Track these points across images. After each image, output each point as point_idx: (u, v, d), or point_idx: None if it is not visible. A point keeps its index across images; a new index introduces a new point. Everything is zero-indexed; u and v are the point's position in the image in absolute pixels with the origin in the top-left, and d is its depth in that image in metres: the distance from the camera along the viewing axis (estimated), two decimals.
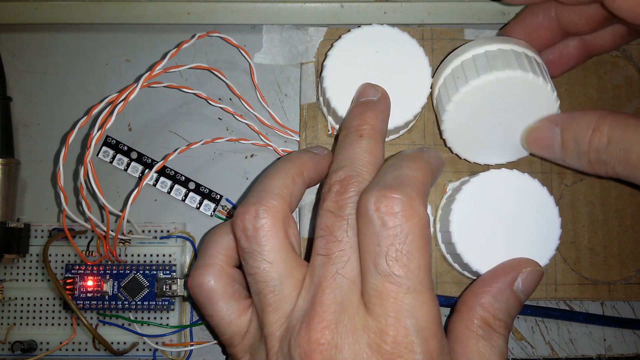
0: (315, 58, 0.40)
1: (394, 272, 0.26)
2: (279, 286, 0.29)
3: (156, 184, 0.40)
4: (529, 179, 0.34)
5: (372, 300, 0.27)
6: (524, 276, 0.32)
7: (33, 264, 0.40)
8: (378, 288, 0.26)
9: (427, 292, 0.27)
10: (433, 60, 0.40)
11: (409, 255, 0.26)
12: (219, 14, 0.41)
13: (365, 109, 0.33)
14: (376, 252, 0.27)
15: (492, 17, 0.40)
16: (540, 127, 0.34)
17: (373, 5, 0.40)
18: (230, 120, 0.41)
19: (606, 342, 0.40)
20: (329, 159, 0.33)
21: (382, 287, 0.26)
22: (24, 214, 0.41)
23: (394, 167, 0.30)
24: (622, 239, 0.39)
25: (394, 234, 0.26)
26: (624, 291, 0.38)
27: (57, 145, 0.41)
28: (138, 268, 0.39)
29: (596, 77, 0.40)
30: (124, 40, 0.42)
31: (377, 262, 0.27)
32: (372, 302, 0.27)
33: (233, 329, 0.31)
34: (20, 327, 0.39)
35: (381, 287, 0.26)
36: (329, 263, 0.28)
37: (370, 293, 0.27)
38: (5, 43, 0.42)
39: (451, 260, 0.37)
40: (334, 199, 0.29)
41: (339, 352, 0.26)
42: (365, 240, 0.27)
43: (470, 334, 0.30)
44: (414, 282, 0.26)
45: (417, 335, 0.26)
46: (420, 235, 0.27)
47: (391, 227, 0.26)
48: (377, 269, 0.27)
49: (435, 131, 0.39)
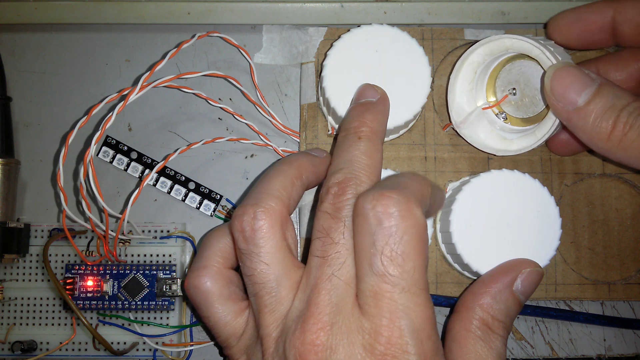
0: (315, 58, 0.40)
1: (389, 271, 0.26)
2: (275, 288, 0.29)
3: (156, 184, 0.40)
4: (529, 179, 0.34)
5: (367, 301, 0.27)
6: (523, 277, 0.32)
7: (33, 264, 0.40)
8: (373, 288, 0.26)
9: (421, 293, 0.27)
10: (433, 60, 0.40)
11: (404, 255, 0.26)
12: (219, 14, 0.41)
13: (364, 110, 0.33)
14: (371, 251, 0.27)
15: (492, 17, 0.40)
16: (577, 71, 0.32)
17: (373, 5, 0.40)
18: (230, 120, 0.41)
19: (606, 342, 0.40)
20: (328, 162, 0.33)
21: (378, 287, 0.26)
22: (24, 214, 0.41)
23: (393, 177, 0.30)
24: (622, 239, 0.39)
25: (389, 233, 0.26)
26: (624, 291, 0.38)
27: (57, 145, 0.41)
28: (138, 268, 0.39)
29: None
30: (123, 40, 0.42)
31: (372, 261, 0.26)
32: (367, 303, 0.27)
33: (229, 330, 0.31)
34: (20, 327, 0.39)
35: (376, 287, 0.26)
36: (325, 265, 0.28)
37: (366, 294, 0.27)
38: (5, 43, 0.42)
39: (451, 261, 0.37)
40: (332, 201, 0.29)
41: (334, 353, 0.26)
42: (360, 239, 0.27)
43: (468, 335, 0.30)
44: (408, 282, 0.26)
45: (411, 336, 0.26)
46: (416, 237, 0.27)
47: (387, 227, 0.26)
48: (372, 269, 0.26)
49: (435, 131, 0.39)
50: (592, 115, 0.31)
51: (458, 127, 0.37)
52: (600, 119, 0.30)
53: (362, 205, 0.27)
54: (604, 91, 0.31)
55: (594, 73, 0.32)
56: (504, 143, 0.37)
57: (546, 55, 0.33)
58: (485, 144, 0.37)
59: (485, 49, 0.36)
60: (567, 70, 0.32)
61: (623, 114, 0.30)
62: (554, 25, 0.36)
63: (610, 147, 0.31)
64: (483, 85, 0.38)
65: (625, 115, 0.30)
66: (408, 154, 0.39)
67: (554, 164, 0.39)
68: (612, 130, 0.30)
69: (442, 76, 0.40)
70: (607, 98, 0.30)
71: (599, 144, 0.31)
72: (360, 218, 0.27)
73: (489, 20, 0.40)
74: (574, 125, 0.32)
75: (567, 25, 0.36)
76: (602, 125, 0.30)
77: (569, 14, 0.36)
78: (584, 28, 0.36)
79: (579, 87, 0.31)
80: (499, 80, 0.37)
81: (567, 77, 0.31)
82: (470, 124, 0.37)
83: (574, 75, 0.31)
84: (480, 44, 0.36)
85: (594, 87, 0.31)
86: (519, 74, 0.36)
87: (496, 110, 0.38)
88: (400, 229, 0.26)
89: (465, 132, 0.37)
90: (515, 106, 0.37)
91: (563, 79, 0.31)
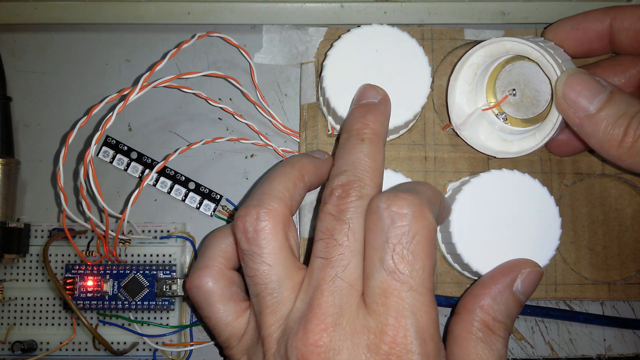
0: (315, 58, 0.40)
1: (399, 268, 0.27)
2: (277, 288, 0.29)
3: (156, 184, 0.40)
4: (529, 179, 0.34)
5: (375, 299, 0.27)
6: (523, 277, 0.32)
7: (33, 264, 0.40)
8: (382, 285, 0.27)
9: (428, 293, 0.27)
10: (433, 60, 0.40)
11: (414, 254, 0.27)
12: (219, 14, 0.40)
13: (366, 111, 0.33)
14: (383, 248, 0.27)
15: (492, 17, 0.40)
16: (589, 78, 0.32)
17: (373, 5, 0.40)
18: (230, 120, 0.41)
19: (606, 342, 0.40)
20: (329, 164, 0.34)
21: (387, 283, 0.27)
22: (24, 214, 0.41)
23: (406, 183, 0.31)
24: (622, 239, 0.39)
25: (402, 232, 0.27)
26: (624, 291, 0.38)
27: (57, 145, 0.41)
28: (138, 268, 0.39)
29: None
30: (123, 40, 0.42)
31: (384, 258, 0.27)
32: (375, 301, 0.27)
33: (230, 331, 0.31)
34: (20, 327, 0.39)
35: (385, 283, 0.27)
36: (329, 266, 0.28)
37: (375, 291, 0.27)
38: (5, 43, 0.42)
39: (451, 261, 0.37)
40: (336, 203, 0.29)
41: (337, 355, 0.26)
42: (372, 237, 0.28)
43: (469, 337, 0.30)
44: (416, 281, 0.27)
45: (415, 336, 0.26)
46: (426, 238, 0.27)
47: (399, 226, 0.27)
48: (383, 265, 0.27)
49: (435, 131, 0.39)
50: (603, 123, 0.31)
51: (458, 129, 0.37)
52: (612, 127, 0.31)
53: (376, 204, 0.28)
54: (615, 98, 0.31)
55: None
56: (504, 145, 0.37)
57: (546, 58, 0.33)
58: (485, 145, 0.37)
59: (486, 50, 0.36)
60: (579, 77, 0.32)
61: (634, 121, 0.30)
62: (552, 33, 0.36)
63: (621, 154, 0.31)
64: (483, 87, 0.38)
65: (637, 122, 0.30)
66: (408, 154, 0.39)
67: (554, 164, 0.39)
68: (623, 138, 0.30)
69: (442, 76, 0.40)
70: (619, 105, 0.31)
71: (610, 151, 0.31)
72: (374, 216, 0.28)
73: (489, 21, 0.40)
74: (585, 132, 0.32)
75: (565, 33, 0.36)
76: (614, 133, 0.31)
77: (566, 22, 0.36)
78: (582, 36, 0.36)
79: (591, 94, 0.31)
80: (498, 81, 0.37)
81: (579, 83, 0.32)
82: (470, 126, 0.37)
83: (586, 82, 0.32)
84: (481, 46, 0.36)
85: (605, 94, 0.31)
86: (519, 74, 0.36)
87: (496, 111, 0.38)
88: (412, 229, 0.27)
89: (465, 133, 0.37)
90: (515, 107, 0.37)
91: (575, 85, 0.32)
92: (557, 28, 0.36)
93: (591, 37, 0.36)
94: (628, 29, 0.35)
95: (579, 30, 0.36)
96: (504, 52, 0.35)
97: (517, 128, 0.37)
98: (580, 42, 0.36)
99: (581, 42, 0.36)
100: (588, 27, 0.36)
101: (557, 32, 0.36)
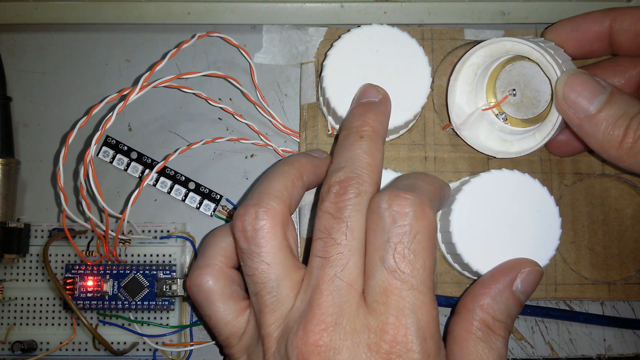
0: (315, 58, 0.40)
1: (400, 267, 0.27)
2: (276, 287, 0.29)
3: (156, 184, 0.40)
4: (529, 179, 0.34)
5: (376, 298, 0.27)
6: (523, 276, 0.32)
7: (33, 264, 0.40)
8: (383, 284, 0.27)
9: (428, 292, 0.27)
10: (433, 60, 0.40)
11: (415, 253, 0.27)
12: (219, 14, 0.40)
13: (366, 110, 0.33)
14: (384, 247, 0.27)
15: (492, 17, 0.40)
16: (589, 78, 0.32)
17: (373, 5, 0.40)
18: (230, 120, 0.41)
19: (606, 342, 0.40)
20: (328, 163, 0.34)
21: (388, 282, 0.27)
22: (24, 214, 0.41)
23: (406, 177, 0.31)
24: (622, 239, 0.39)
25: (404, 231, 0.27)
26: (624, 291, 0.38)
27: (57, 145, 0.41)
28: (138, 268, 0.39)
29: None
30: (123, 40, 0.42)
31: (385, 257, 0.27)
32: (376, 300, 0.27)
33: (230, 330, 0.31)
34: (20, 327, 0.39)
35: (386, 282, 0.27)
36: (327, 265, 0.28)
37: (375, 290, 0.27)
38: (5, 43, 0.42)
39: (451, 260, 0.37)
40: (333, 200, 0.29)
41: (338, 354, 0.26)
42: (373, 236, 0.28)
43: (469, 336, 0.30)
44: (417, 280, 0.27)
45: (416, 335, 0.26)
46: (427, 237, 0.27)
47: (401, 225, 0.27)
48: (384, 264, 0.27)
49: (435, 131, 0.39)
50: (603, 123, 0.31)
51: (458, 129, 0.37)
52: (612, 127, 0.31)
53: (377, 204, 0.28)
54: (615, 99, 0.31)
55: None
56: (504, 145, 0.37)
57: (546, 58, 0.33)
58: (485, 145, 0.37)
59: (486, 51, 0.36)
60: (579, 77, 0.32)
61: (634, 122, 0.30)
62: (551, 35, 0.36)
63: (621, 155, 0.31)
64: (483, 87, 0.38)
65: (636, 123, 0.30)
66: (408, 154, 0.39)
67: (554, 164, 0.39)
68: (623, 138, 0.30)
69: (442, 76, 0.40)
70: (619, 106, 0.31)
71: (610, 152, 0.31)
72: (375, 216, 0.28)
73: (489, 21, 0.40)
74: (585, 132, 0.32)
75: (565, 34, 0.36)
76: (614, 133, 0.31)
77: (566, 23, 0.36)
78: (581, 37, 0.36)
79: (591, 94, 0.31)
80: (498, 82, 0.37)
81: (579, 84, 0.32)
82: (470, 126, 0.37)
83: (586, 83, 0.32)
84: (481, 46, 0.36)
85: (605, 95, 0.31)
86: (519, 75, 0.36)
87: (496, 111, 0.38)
88: (414, 228, 0.27)
89: (465, 133, 0.37)
90: (515, 107, 0.37)
91: (575, 86, 0.32)
92: (556, 29, 0.36)
93: (591, 38, 0.36)
94: (628, 30, 0.35)
95: (578, 32, 0.36)
96: (504, 52, 0.35)
97: (517, 128, 0.37)
98: (580, 43, 0.36)
99: (581, 43, 0.36)
100: (588, 28, 0.36)
101: (557, 33, 0.36)
